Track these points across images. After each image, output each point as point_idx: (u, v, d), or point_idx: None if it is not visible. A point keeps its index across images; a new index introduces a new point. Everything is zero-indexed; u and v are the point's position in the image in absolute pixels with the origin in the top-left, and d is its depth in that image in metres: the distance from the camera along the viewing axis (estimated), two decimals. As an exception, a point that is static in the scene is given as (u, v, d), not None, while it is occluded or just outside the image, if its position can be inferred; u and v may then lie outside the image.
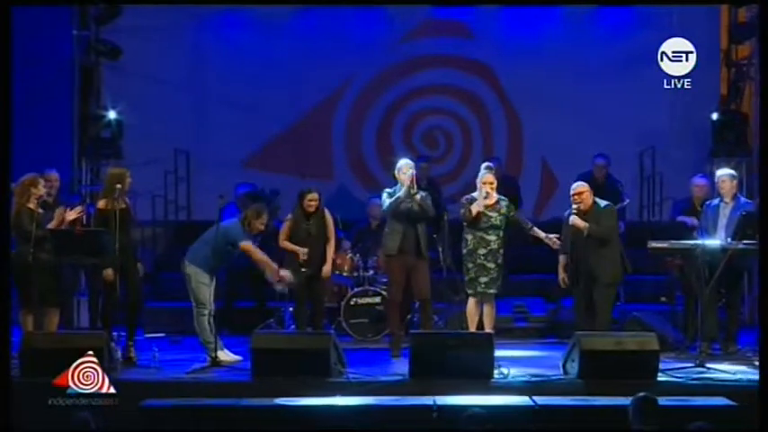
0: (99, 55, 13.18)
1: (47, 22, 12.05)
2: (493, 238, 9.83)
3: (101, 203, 9.55)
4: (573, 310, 10.06)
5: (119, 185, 9.47)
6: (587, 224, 9.65)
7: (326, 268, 10.28)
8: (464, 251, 9.84)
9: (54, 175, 10.35)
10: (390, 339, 10.31)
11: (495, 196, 9.88)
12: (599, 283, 9.65)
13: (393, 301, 10.18)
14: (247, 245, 9.63)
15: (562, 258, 9.92)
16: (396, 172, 10.09)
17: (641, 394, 6.82)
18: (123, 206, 9.53)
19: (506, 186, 11.76)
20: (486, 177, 9.90)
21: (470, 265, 9.81)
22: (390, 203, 9.97)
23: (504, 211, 9.89)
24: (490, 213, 9.82)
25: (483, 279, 9.80)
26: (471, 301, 9.88)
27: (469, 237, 9.82)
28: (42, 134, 11.82)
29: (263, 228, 9.78)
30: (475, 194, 9.91)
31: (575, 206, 9.77)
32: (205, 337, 9.58)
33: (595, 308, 9.66)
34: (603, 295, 9.66)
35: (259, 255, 9.74)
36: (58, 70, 12.52)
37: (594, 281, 9.66)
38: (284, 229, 10.23)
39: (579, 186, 9.90)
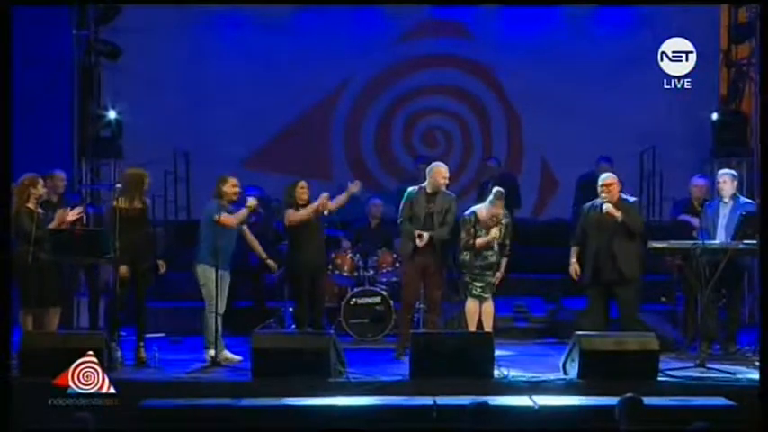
0: (99, 55, 13.17)
1: (46, 22, 12.04)
2: (490, 253, 9.89)
3: (115, 202, 9.58)
4: (586, 310, 9.91)
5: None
6: (620, 213, 9.61)
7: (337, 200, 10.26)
8: (459, 258, 9.91)
9: (60, 174, 10.37)
10: (398, 339, 10.28)
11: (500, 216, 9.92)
12: (626, 278, 9.61)
13: (406, 302, 10.19)
14: (222, 217, 9.58)
15: (575, 249, 9.88)
16: (427, 171, 10.12)
17: (627, 395, 6.81)
18: (140, 206, 9.57)
19: (506, 185, 11.76)
20: (493, 209, 9.87)
21: (465, 271, 9.90)
22: (402, 227, 10.02)
23: (503, 230, 9.91)
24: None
25: (478, 284, 9.88)
26: (470, 301, 9.91)
27: (465, 251, 9.86)
28: (42, 134, 11.80)
29: (236, 189, 9.68)
30: (476, 208, 9.90)
31: (604, 196, 9.72)
32: (207, 335, 9.59)
33: (620, 306, 9.67)
34: (631, 292, 9.66)
35: (232, 219, 9.66)
36: (57, 70, 12.51)
37: (621, 277, 9.60)
38: (293, 219, 10.09)
39: (610, 178, 9.84)
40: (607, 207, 9.63)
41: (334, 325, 10.98)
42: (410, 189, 10.13)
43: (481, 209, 9.92)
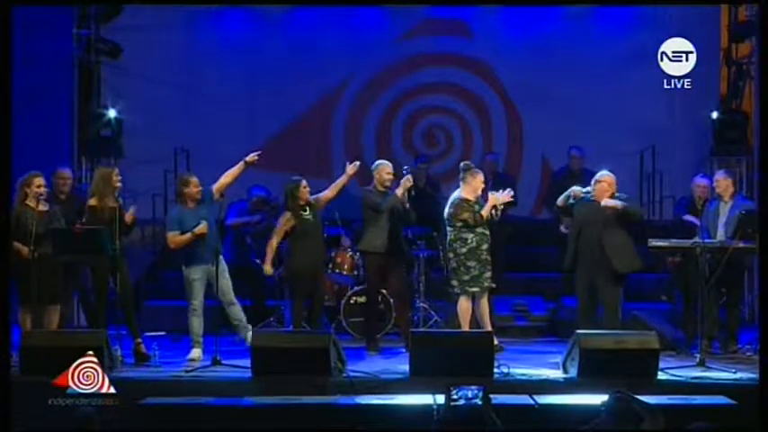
0: (99, 54, 13.20)
1: (47, 20, 12.04)
2: (488, 233, 9.85)
3: (91, 201, 9.60)
4: (578, 307, 9.90)
5: (105, 184, 9.58)
6: (619, 203, 9.54)
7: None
8: (464, 250, 9.78)
9: (66, 172, 10.39)
10: (368, 335, 10.37)
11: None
12: (612, 273, 9.55)
13: (374, 298, 10.40)
14: (168, 235, 9.71)
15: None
16: (374, 171, 10.42)
17: (615, 392, 6.67)
18: (113, 205, 9.57)
19: (504, 184, 11.75)
20: (480, 178, 9.89)
21: (473, 263, 9.76)
22: (386, 201, 10.14)
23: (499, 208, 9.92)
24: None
25: (487, 274, 9.79)
26: (464, 300, 9.80)
27: (470, 235, 9.77)
28: (43, 133, 11.81)
29: (196, 189, 9.72)
30: (460, 195, 9.86)
31: (594, 194, 9.69)
32: (191, 335, 9.73)
33: (602, 303, 9.64)
34: (614, 288, 9.60)
35: (179, 239, 9.68)
36: (58, 69, 12.52)
37: (608, 272, 9.55)
38: (280, 229, 10.17)
39: (606, 176, 9.75)
40: (606, 203, 9.59)
41: (334, 323, 10.98)
42: (368, 188, 10.42)
43: (463, 193, 9.87)
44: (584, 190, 9.80)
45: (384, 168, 10.42)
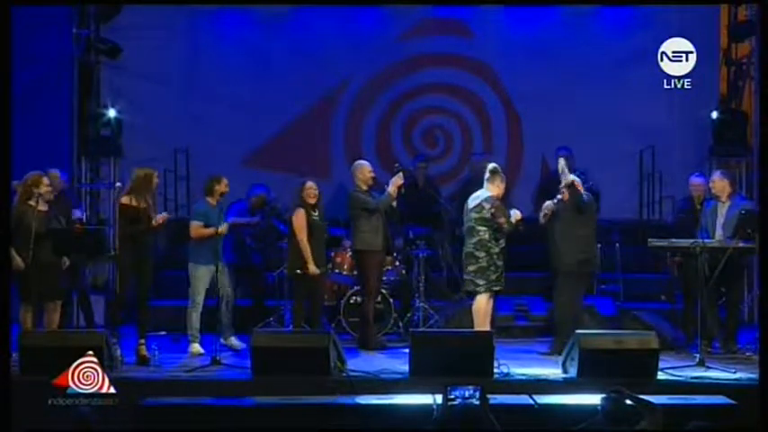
0: (99, 53, 13.19)
1: (47, 20, 12.05)
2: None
3: (123, 199, 9.65)
4: None
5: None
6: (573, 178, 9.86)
7: None
8: (497, 249, 9.74)
9: (55, 172, 10.39)
10: (368, 333, 10.37)
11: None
12: (557, 269, 9.90)
13: (374, 296, 10.41)
14: (192, 225, 9.96)
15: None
16: (355, 171, 10.47)
17: (611, 390, 6.63)
18: (145, 205, 9.64)
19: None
20: (500, 184, 9.92)
21: (501, 263, 9.80)
22: (380, 201, 10.25)
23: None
24: None
25: (502, 276, 9.85)
26: (484, 299, 9.75)
27: (501, 235, 9.80)
28: (42, 133, 11.82)
29: (227, 189, 10.03)
30: (488, 193, 9.84)
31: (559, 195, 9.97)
32: (191, 331, 9.95)
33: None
34: (559, 283, 9.91)
35: (204, 231, 9.94)
36: (58, 69, 12.53)
37: (555, 268, 9.93)
38: (301, 226, 10.19)
39: (568, 179, 9.99)
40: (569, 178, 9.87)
41: (334, 323, 10.98)
42: (359, 191, 10.44)
43: (491, 192, 9.85)
44: (554, 201, 9.96)
45: (365, 168, 10.52)
